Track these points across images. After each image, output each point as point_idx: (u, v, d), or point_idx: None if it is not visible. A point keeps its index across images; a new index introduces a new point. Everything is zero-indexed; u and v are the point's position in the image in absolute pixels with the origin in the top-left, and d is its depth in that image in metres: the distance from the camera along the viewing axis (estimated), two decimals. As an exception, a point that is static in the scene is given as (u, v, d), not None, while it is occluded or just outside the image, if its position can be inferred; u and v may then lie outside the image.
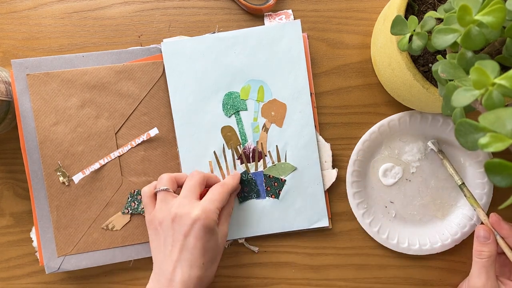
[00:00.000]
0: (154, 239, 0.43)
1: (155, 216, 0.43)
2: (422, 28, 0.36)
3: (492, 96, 0.25)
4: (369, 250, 0.53)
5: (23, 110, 0.48)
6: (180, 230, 0.41)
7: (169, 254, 0.41)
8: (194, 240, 0.40)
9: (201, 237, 0.40)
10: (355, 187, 0.51)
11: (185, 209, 0.41)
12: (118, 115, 0.50)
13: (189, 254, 0.40)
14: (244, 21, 0.52)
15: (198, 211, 0.41)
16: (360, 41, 0.52)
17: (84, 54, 0.49)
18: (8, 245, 0.52)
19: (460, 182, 0.50)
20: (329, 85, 0.52)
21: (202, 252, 0.41)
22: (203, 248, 0.41)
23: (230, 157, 0.51)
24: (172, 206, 0.42)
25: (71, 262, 0.49)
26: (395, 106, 0.52)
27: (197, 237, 0.40)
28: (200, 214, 0.41)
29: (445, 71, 0.31)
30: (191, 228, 0.40)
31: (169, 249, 0.41)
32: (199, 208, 0.41)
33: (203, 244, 0.41)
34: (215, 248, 0.42)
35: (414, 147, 0.51)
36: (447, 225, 0.52)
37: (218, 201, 0.43)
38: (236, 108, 0.50)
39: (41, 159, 0.49)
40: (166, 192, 0.44)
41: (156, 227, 0.43)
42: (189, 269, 0.40)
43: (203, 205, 0.42)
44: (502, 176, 0.23)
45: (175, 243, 0.41)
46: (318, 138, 0.51)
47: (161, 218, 0.42)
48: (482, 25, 0.28)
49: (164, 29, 0.51)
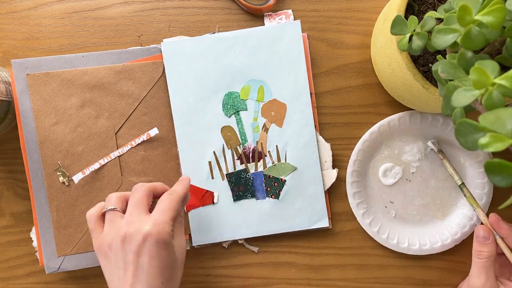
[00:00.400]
0: (106, 265, 0.39)
1: (103, 239, 0.39)
2: (422, 28, 0.36)
3: (492, 96, 0.25)
4: (369, 250, 0.53)
5: (23, 110, 0.48)
6: (132, 250, 0.37)
7: (123, 279, 0.37)
8: (148, 259, 0.36)
9: (156, 254, 0.37)
10: (355, 187, 0.51)
11: (134, 226, 0.37)
12: (118, 115, 0.50)
13: (145, 275, 0.36)
14: (244, 21, 0.52)
15: (148, 226, 0.37)
16: (360, 41, 0.52)
17: (84, 54, 0.49)
18: (8, 245, 0.52)
19: (460, 182, 0.50)
20: (329, 85, 0.52)
21: (159, 271, 0.37)
22: (159, 267, 0.37)
23: (230, 157, 0.51)
24: (120, 226, 0.38)
25: (71, 262, 0.49)
26: (395, 106, 0.52)
27: (151, 255, 0.36)
28: (151, 228, 0.37)
29: (445, 71, 0.31)
30: (143, 246, 0.36)
31: (122, 273, 0.37)
32: (150, 223, 0.37)
33: (159, 261, 0.37)
34: (173, 263, 0.39)
35: (414, 147, 0.51)
36: (447, 225, 0.52)
37: (170, 211, 0.39)
38: (236, 108, 0.50)
39: (41, 159, 0.49)
40: (114, 212, 0.40)
41: (106, 252, 0.38)
42: None
43: (153, 219, 0.38)
44: (502, 176, 0.23)
45: (127, 265, 0.37)
46: (318, 138, 0.51)
47: (110, 241, 0.38)
48: (482, 25, 0.28)
49: (164, 29, 0.51)
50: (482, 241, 0.45)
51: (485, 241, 0.45)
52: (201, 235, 0.51)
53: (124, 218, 0.39)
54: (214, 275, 0.52)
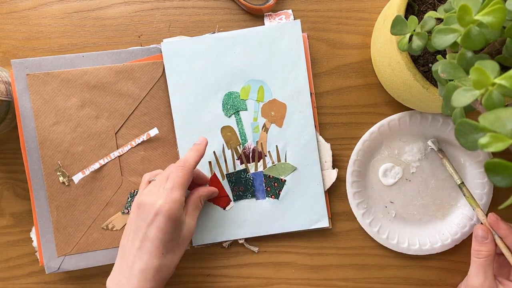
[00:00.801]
0: (128, 222, 0.44)
1: (136, 199, 0.43)
2: (422, 28, 0.36)
3: (492, 96, 0.25)
4: (369, 250, 0.53)
5: (23, 110, 0.48)
6: (144, 219, 0.41)
7: (132, 241, 0.41)
8: (155, 230, 0.40)
9: (163, 227, 0.40)
10: (355, 187, 0.51)
11: (151, 198, 0.41)
12: (118, 115, 0.50)
13: (149, 243, 0.40)
14: (244, 21, 0.52)
15: (161, 201, 0.41)
16: (360, 41, 0.52)
17: (84, 54, 0.49)
18: (8, 245, 0.51)
19: (460, 182, 0.50)
20: (329, 85, 0.52)
21: (163, 243, 0.41)
22: (164, 239, 0.41)
23: (230, 157, 0.51)
24: (144, 193, 0.43)
25: (71, 262, 0.49)
26: (395, 106, 0.52)
27: (159, 227, 0.40)
28: (163, 204, 0.41)
29: (445, 71, 0.31)
30: (154, 219, 0.40)
31: (132, 236, 0.42)
32: (163, 198, 0.41)
33: (165, 234, 0.41)
34: (178, 239, 0.42)
35: (414, 147, 0.51)
36: (447, 225, 0.52)
37: (181, 186, 0.42)
38: (236, 108, 0.50)
39: (41, 159, 0.49)
40: (155, 182, 0.44)
41: (134, 210, 0.43)
42: (148, 258, 0.40)
43: (166, 195, 0.41)
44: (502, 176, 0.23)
45: (138, 231, 0.41)
46: (318, 138, 0.51)
47: (136, 203, 0.43)
48: (482, 25, 0.28)
49: (164, 29, 0.51)
50: (481, 241, 0.45)
51: (484, 241, 0.45)
52: (201, 235, 0.51)
53: (149, 185, 0.44)
54: (214, 275, 0.52)
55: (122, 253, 0.42)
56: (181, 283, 0.52)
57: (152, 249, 0.40)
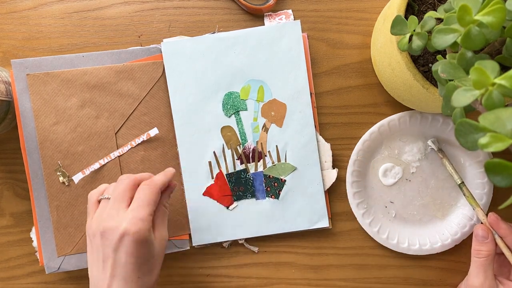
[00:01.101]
0: (89, 251, 0.40)
1: (90, 226, 0.40)
2: (422, 28, 0.36)
3: (492, 96, 0.25)
4: (369, 250, 0.53)
5: (23, 110, 0.48)
6: (110, 245, 0.37)
7: (102, 270, 0.38)
8: (124, 256, 0.37)
9: (133, 252, 0.37)
10: (355, 187, 0.51)
11: (112, 222, 0.38)
12: (118, 115, 0.50)
13: (122, 270, 0.37)
14: (244, 21, 0.52)
15: (126, 223, 0.37)
16: (360, 41, 0.52)
17: (84, 54, 0.49)
18: (8, 245, 0.51)
19: (460, 181, 0.50)
20: (329, 85, 0.52)
21: (137, 267, 0.38)
22: (136, 263, 0.37)
23: (230, 157, 0.51)
24: (102, 218, 0.39)
25: (71, 262, 0.49)
26: (395, 106, 0.52)
27: (127, 252, 0.37)
28: (128, 227, 0.37)
29: (445, 71, 0.31)
30: (120, 244, 0.37)
31: (101, 265, 0.38)
32: (127, 220, 0.37)
33: (136, 259, 0.37)
34: (151, 258, 0.39)
35: (414, 147, 0.51)
36: (447, 225, 0.52)
37: (148, 205, 0.39)
38: (236, 108, 0.50)
39: (41, 159, 0.49)
40: (107, 200, 0.41)
41: (90, 239, 0.40)
42: (124, 285, 0.37)
43: (131, 215, 0.38)
44: (502, 176, 0.23)
45: (106, 259, 0.38)
46: (318, 138, 0.51)
47: (94, 231, 0.39)
48: (482, 25, 0.28)
49: (164, 29, 0.51)
50: (481, 240, 0.45)
51: (484, 240, 0.45)
52: (201, 235, 0.51)
53: (106, 210, 0.39)
54: (214, 275, 0.52)
55: (94, 285, 0.39)
56: (181, 283, 0.52)
57: (126, 275, 0.37)
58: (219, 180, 0.51)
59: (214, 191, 0.51)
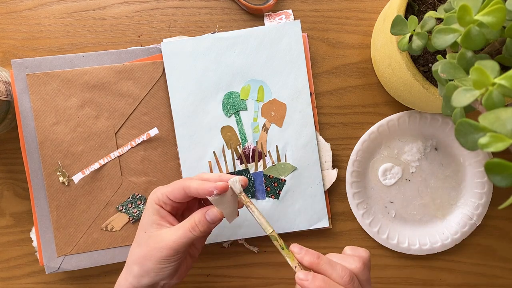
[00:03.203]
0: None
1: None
2: (422, 28, 0.36)
3: (492, 96, 0.25)
4: (369, 250, 0.52)
5: (23, 110, 0.48)
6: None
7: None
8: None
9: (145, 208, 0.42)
10: (355, 187, 0.51)
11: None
12: (118, 115, 0.50)
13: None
14: (244, 21, 0.52)
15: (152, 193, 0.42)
16: (360, 41, 0.52)
17: (84, 54, 0.49)
18: (8, 245, 0.51)
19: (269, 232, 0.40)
20: (329, 85, 0.52)
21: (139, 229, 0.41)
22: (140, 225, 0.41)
23: (230, 157, 0.51)
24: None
25: (71, 262, 0.49)
26: (395, 106, 0.52)
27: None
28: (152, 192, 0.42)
29: (445, 71, 0.31)
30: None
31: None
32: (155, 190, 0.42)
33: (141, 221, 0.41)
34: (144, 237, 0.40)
35: (413, 147, 0.51)
36: (447, 225, 0.52)
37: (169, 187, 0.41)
38: (236, 108, 0.50)
39: (41, 159, 0.49)
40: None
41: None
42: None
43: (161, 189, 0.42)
44: (502, 176, 0.23)
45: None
46: (318, 138, 0.51)
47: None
48: (482, 25, 0.28)
49: (164, 29, 0.51)
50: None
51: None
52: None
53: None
54: (214, 275, 0.52)
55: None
56: (181, 283, 0.52)
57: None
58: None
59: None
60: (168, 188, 0.41)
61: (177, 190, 0.40)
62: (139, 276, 0.39)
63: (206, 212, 0.40)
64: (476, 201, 0.51)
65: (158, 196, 0.41)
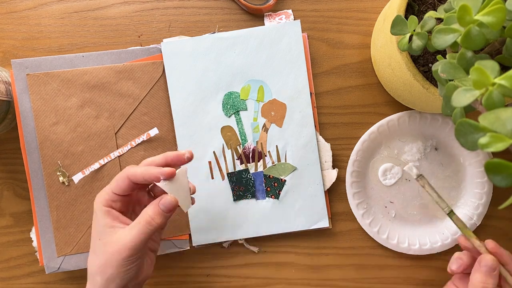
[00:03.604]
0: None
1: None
2: (422, 28, 0.36)
3: (492, 96, 0.25)
4: (369, 250, 0.53)
5: (23, 110, 0.48)
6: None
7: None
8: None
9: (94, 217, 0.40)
10: (355, 187, 0.51)
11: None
12: (118, 115, 0.50)
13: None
14: (244, 21, 0.52)
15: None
16: (360, 41, 0.52)
17: (84, 54, 0.49)
18: (8, 245, 0.51)
19: (448, 211, 0.43)
20: (329, 85, 0.52)
21: (93, 233, 0.40)
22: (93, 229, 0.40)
23: (230, 157, 0.51)
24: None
25: (71, 262, 0.49)
26: (395, 106, 0.52)
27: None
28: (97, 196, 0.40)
29: (445, 71, 0.31)
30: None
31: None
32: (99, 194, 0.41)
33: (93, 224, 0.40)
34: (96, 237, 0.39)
35: (413, 147, 0.51)
36: (447, 225, 0.52)
37: (112, 182, 0.40)
38: (236, 108, 0.50)
39: (41, 159, 0.49)
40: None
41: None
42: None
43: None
44: (502, 176, 0.23)
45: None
46: (318, 138, 0.51)
47: None
48: (482, 25, 0.28)
49: (164, 29, 0.51)
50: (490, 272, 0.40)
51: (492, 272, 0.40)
52: (201, 235, 0.51)
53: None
54: (214, 275, 0.52)
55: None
56: (181, 283, 0.52)
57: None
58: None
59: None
60: (112, 184, 0.40)
61: (121, 180, 0.39)
62: (105, 286, 0.38)
63: (159, 202, 0.38)
64: (476, 201, 0.51)
65: (104, 197, 0.40)
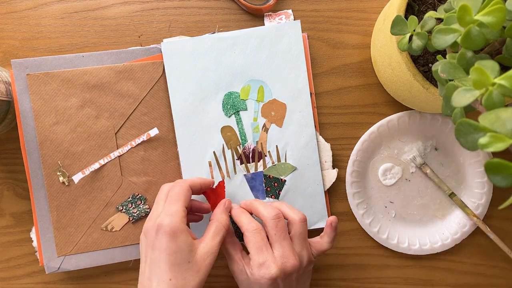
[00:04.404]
0: (140, 256, 0.42)
1: (144, 225, 0.42)
2: (422, 28, 0.36)
3: (492, 96, 0.25)
4: (369, 250, 0.53)
5: (23, 110, 0.48)
6: (148, 244, 0.39)
7: (143, 271, 0.39)
8: (158, 253, 0.38)
9: (165, 247, 0.37)
10: (355, 187, 0.51)
11: (150, 222, 0.40)
12: (118, 115, 0.50)
13: (157, 269, 0.37)
14: (244, 21, 0.52)
15: (160, 218, 0.39)
16: (360, 41, 0.52)
17: (84, 54, 0.49)
18: (8, 245, 0.51)
19: (449, 192, 0.51)
20: (329, 85, 0.52)
21: (168, 266, 0.37)
22: (168, 261, 0.37)
23: (230, 157, 0.51)
24: (149, 218, 0.41)
25: (71, 262, 0.49)
26: (395, 106, 0.52)
27: (160, 248, 0.37)
28: (159, 221, 0.38)
29: (445, 71, 0.31)
30: (155, 238, 0.38)
31: (143, 265, 0.40)
32: (162, 214, 0.39)
33: (168, 256, 0.37)
34: (185, 262, 0.38)
35: (413, 147, 0.51)
36: (447, 225, 0.52)
37: (176, 201, 0.40)
38: (236, 108, 0.50)
39: (41, 159, 0.49)
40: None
41: (141, 240, 0.42)
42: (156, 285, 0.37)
43: (163, 211, 0.39)
44: (502, 176, 0.23)
45: (145, 258, 0.39)
46: (318, 138, 0.51)
47: (142, 232, 0.41)
48: (482, 25, 0.28)
49: (164, 29, 0.51)
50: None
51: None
52: (201, 235, 0.50)
53: (152, 209, 0.42)
54: (214, 275, 0.52)
55: (140, 283, 0.39)
56: (181, 283, 0.52)
57: (159, 274, 0.37)
58: (220, 188, 0.49)
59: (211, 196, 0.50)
60: (179, 199, 0.41)
61: (187, 192, 0.42)
62: None
63: (225, 206, 0.44)
64: (476, 201, 0.51)
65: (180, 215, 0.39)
